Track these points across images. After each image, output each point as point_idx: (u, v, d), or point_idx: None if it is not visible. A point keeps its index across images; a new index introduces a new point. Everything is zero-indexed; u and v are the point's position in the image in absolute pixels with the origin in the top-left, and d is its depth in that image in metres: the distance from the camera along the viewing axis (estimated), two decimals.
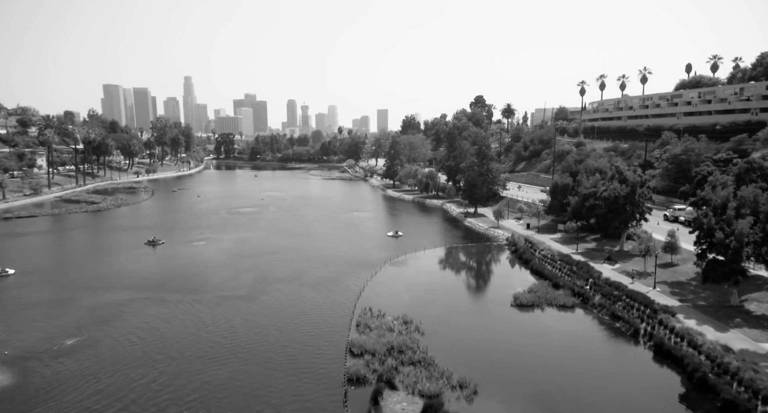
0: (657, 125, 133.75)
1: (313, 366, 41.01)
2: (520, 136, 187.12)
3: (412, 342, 45.30)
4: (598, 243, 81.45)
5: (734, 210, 50.71)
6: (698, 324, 47.66)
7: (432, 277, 67.78)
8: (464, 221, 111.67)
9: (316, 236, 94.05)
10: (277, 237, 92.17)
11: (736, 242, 48.05)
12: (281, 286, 61.81)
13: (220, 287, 60.81)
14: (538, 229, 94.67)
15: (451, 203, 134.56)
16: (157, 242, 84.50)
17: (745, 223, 48.13)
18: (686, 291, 57.28)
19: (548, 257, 74.41)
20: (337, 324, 49.79)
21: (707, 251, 52.48)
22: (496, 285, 66.23)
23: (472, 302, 58.07)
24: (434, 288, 62.69)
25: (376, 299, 57.64)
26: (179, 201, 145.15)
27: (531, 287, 62.14)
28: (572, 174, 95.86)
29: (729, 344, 43.11)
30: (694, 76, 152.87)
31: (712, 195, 53.38)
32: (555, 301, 57.08)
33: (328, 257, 77.36)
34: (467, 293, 61.58)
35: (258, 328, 48.51)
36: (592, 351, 45.20)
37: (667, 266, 66.36)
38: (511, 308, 56.16)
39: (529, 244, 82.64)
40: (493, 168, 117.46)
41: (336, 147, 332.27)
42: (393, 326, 48.92)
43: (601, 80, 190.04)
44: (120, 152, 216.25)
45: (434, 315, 53.13)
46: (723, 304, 52.58)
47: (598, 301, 56.04)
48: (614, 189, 74.86)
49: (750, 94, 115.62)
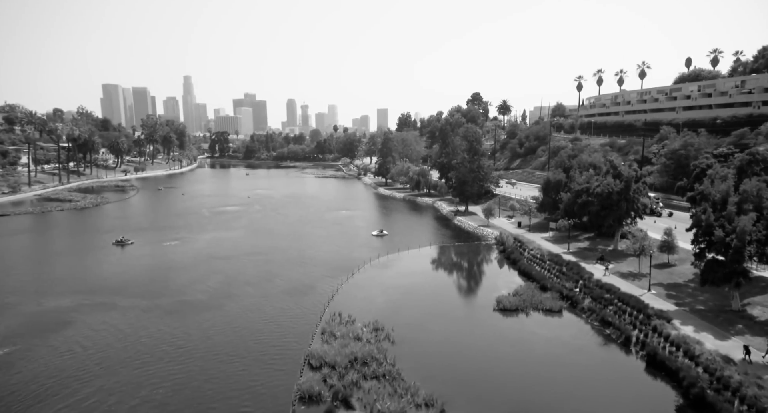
0: (655, 119, 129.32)
1: (263, 381, 36.61)
2: (515, 132, 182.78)
3: (380, 352, 40.98)
4: (592, 242, 77.11)
5: (735, 206, 46.34)
6: (696, 331, 43.33)
7: (412, 279, 63.47)
8: (454, 220, 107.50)
9: (297, 235, 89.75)
10: (256, 237, 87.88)
11: (737, 241, 43.69)
12: (249, 289, 57.46)
13: (181, 290, 56.46)
14: (529, 227, 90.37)
15: (443, 201, 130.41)
16: (125, 242, 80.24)
17: (748, 219, 43.77)
18: (683, 294, 52.94)
19: (537, 257, 70.06)
20: (301, 332, 45.46)
21: (706, 251, 48.13)
22: (480, 287, 61.92)
23: (452, 307, 53.76)
24: (413, 291, 58.42)
25: (349, 303, 53.39)
26: (162, 200, 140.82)
27: (517, 289, 57.84)
28: (565, 170, 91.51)
29: (730, 354, 38.78)
30: (693, 70, 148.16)
31: (711, 189, 49.00)
32: (541, 305, 52.75)
33: (306, 258, 73.05)
34: (448, 297, 57.26)
35: (211, 338, 43.97)
36: (578, 362, 40.85)
37: (664, 267, 62.02)
38: (494, 312, 51.85)
39: (518, 243, 78.32)
40: (485, 165, 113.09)
41: (331, 146, 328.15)
42: (361, 334, 44.61)
43: (599, 75, 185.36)
44: (108, 150, 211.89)
45: (409, 321, 48.85)
46: (723, 308, 48.24)
47: (587, 305, 51.72)
48: (608, 185, 70.49)
49: (752, 87, 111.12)
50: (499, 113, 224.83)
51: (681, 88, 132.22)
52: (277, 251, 76.32)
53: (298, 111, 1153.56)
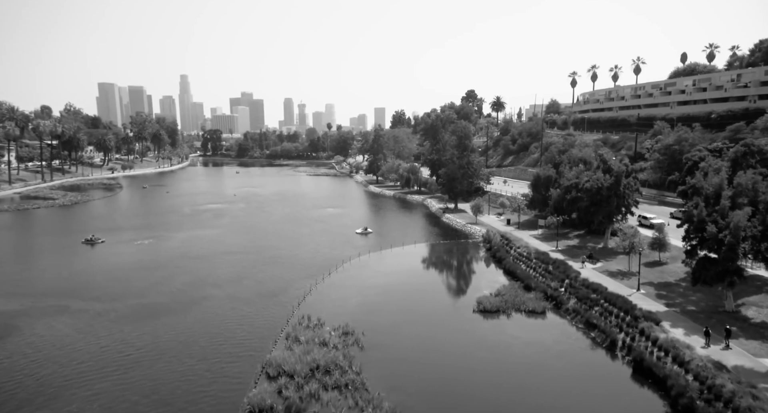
0: (649, 115, 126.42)
1: (211, 393, 33.32)
2: (509, 129, 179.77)
3: (346, 359, 37.89)
4: (581, 240, 74.14)
5: (729, 200, 43.39)
6: (686, 334, 40.36)
7: (391, 279, 60.37)
8: (442, 217, 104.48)
9: (277, 234, 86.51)
10: (234, 236, 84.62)
11: (730, 237, 40.75)
12: (215, 291, 54.18)
13: (143, 293, 53.12)
14: (518, 225, 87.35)
15: (433, 198, 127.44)
16: (95, 241, 76.91)
17: (742, 214, 40.83)
18: (674, 294, 50.00)
19: (523, 256, 67.03)
20: (265, 338, 42.22)
21: (698, 248, 45.17)
22: (462, 287, 58.78)
23: (430, 308, 50.66)
24: (390, 292, 55.33)
25: (321, 305, 50.27)
26: (145, 198, 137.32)
27: (500, 289, 54.81)
28: (555, 165, 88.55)
29: (722, 359, 35.83)
30: (689, 65, 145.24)
31: (704, 183, 46.00)
32: (524, 306, 49.70)
33: (283, 257, 69.85)
34: (427, 297, 54.15)
35: (162, 345, 40.46)
36: (559, 369, 37.81)
37: (655, 265, 59.13)
38: (474, 314, 48.78)
39: (505, 241, 75.27)
40: (474, 161, 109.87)
41: (325, 144, 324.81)
42: (329, 338, 41.49)
43: (593, 71, 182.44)
44: (95, 147, 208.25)
45: (382, 324, 45.78)
46: (716, 309, 45.31)
47: (572, 306, 48.69)
48: (597, 180, 67.56)
49: (748, 81, 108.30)
50: (493, 109, 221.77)
51: (675, 82, 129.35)
52: (254, 251, 73.07)
53: (295, 110, 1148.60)
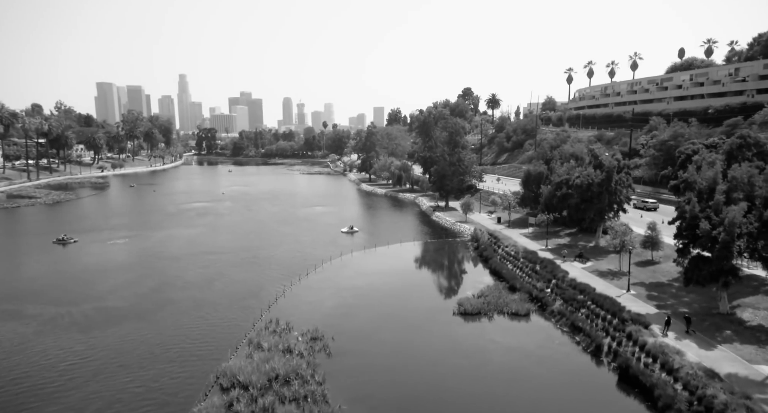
0: (645, 110, 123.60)
1: (154, 409, 30.55)
2: (503, 126, 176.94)
3: (310, 367, 35.09)
4: (573, 238, 71.36)
5: (723, 194, 40.59)
6: (677, 339, 37.59)
7: (372, 279, 57.56)
8: (432, 216, 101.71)
9: (259, 233, 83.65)
10: (214, 235, 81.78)
11: (725, 234, 37.95)
12: (182, 294, 51.29)
13: (104, 296, 50.12)
14: (508, 223, 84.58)
15: (424, 196, 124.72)
16: (67, 241, 74.04)
17: (737, 210, 38.04)
18: (666, 295, 47.22)
19: (511, 255, 64.27)
20: (226, 344, 39.45)
21: (690, 246, 42.36)
22: (445, 288, 55.90)
23: (409, 310, 47.83)
24: (369, 293, 52.51)
25: (293, 308, 47.48)
26: (130, 197, 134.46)
27: (483, 290, 52.06)
28: (546, 161, 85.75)
29: (715, 366, 33.04)
30: (686, 59, 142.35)
31: (696, 177, 43.19)
32: (507, 308, 46.94)
33: (261, 257, 66.98)
34: (407, 299, 51.29)
35: (111, 354, 37.26)
36: (539, 376, 35.04)
37: (647, 265, 56.37)
38: (454, 317, 45.99)
39: (493, 240, 72.50)
40: (465, 157, 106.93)
41: (321, 142, 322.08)
42: (294, 344, 38.67)
43: (589, 67, 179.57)
44: (85, 146, 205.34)
45: (355, 329, 43.00)
46: (710, 311, 42.53)
47: (557, 308, 45.89)
48: (587, 175, 64.75)
49: (746, 75, 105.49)
50: (488, 106, 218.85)
51: (672, 77, 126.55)
52: (231, 251, 70.17)
53: (294, 110, 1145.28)
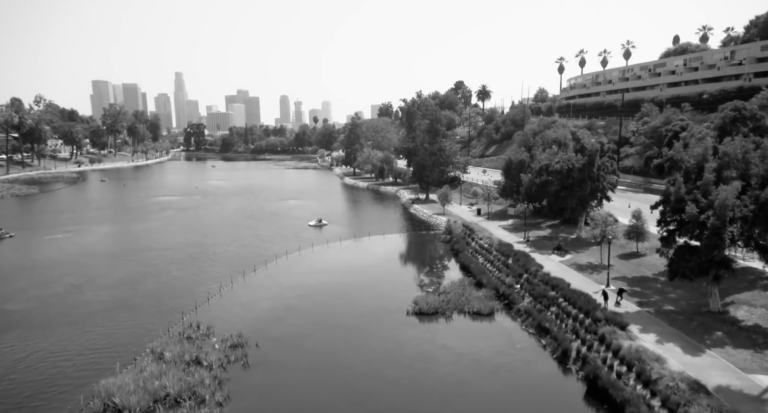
0: (638, 98, 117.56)
1: None
2: (492, 118, 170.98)
3: (214, 382, 29.15)
4: (554, 230, 65.47)
5: (714, 173, 34.74)
6: (659, 342, 31.80)
7: (324, 276, 51.66)
8: (410, 208, 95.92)
9: (219, 227, 77.60)
10: (168, 230, 75.69)
11: (715, 219, 32.16)
12: (101, 295, 45.05)
13: (11, 297, 43.77)
14: (488, 215, 78.73)
15: (406, 189, 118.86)
16: (3, 236, 68.06)
17: (730, 190, 32.25)
18: (650, 290, 41.42)
19: (483, 248, 58.44)
20: (123, 354, 33.48)
21: (676, 234, 36.55)
22: (404, 285, 49.83)
23: (356, 312, 41.93)
24: (316, 292, 46.61)
25: (223, 310, 41.63)
26: (96, 191, 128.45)
27: (447, 286, 46.26)
28: (528, 148, 80.00)
29: (702, 376, 27.27)
30: (680, 45, 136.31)
31: (683, 154, 37.31)
32: (468, 306, 41.10)
33: (210, 253, 60.94)
34: (357, 298, 45.33)
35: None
36: (491, 390, 29.24)
37: (631, 257, 50.61)
38: (408, 317, 40.16)
39: (468, 232, 66.65)
40: (446, 147, 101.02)
41: (311, 138, 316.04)
42: (206, 354, 32.63)
43: (581, 56, 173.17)
44: (63, 140, 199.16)
45: (288, 333, 37.15)
46: (699, 309, 36.75)
47: (524, 306, 40.04)
48: (567, 160, 58.92)
49: (742, 58, 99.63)
50: (478, 98, 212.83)
51: (665, 63, 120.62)
52: (180, 247, 64.09)
53: (291, 108, 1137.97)
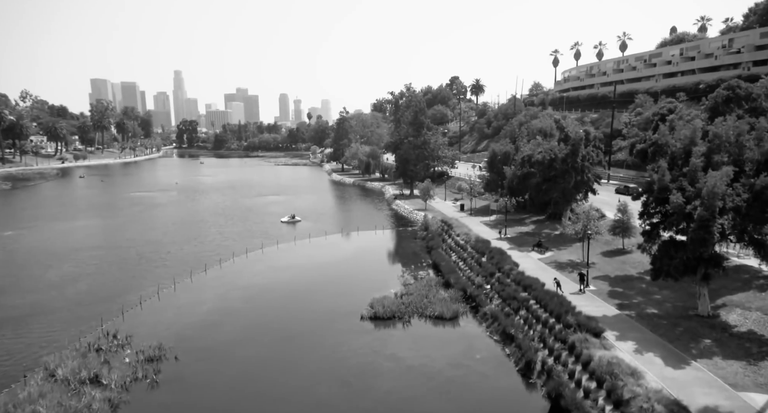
0: (632, 89, 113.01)
1: None
2: (485, 112, 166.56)
3: (109, 407, 24.79)
4: (538, 226, 61.11)
5: (702, 158, 30.39)
6: (638, 352, 27.50)
7: (281, 275, 47.41)
8: (393, 204, 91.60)
9: (184, 224, 73.13)
10: (129, 227, 71.29)
11: (702, 209, 27.83)
12: (15, 300, 40.16)
13: None
14: (471, 211, 74.37)
15: (392, 185, 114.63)
16: None
17: (719, 176, 27.92)
18: (633, 291, 37.12)
19: (459, 245, 54.10)
20: (11, 371, 29.15)
21: (659, 228, 32.22)
22: (365, 285, 45.12)
23: (306, 315, 37.62)
24: (266, 293, 42.37)
25: (153, 315, 37.32)
26: (72, 187, 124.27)
27: (411, 287, 41.94)
28: (513, 140, 75.67)
29: (684, 395, 22.98)
30: (677, 34, 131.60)
31: (669, 137, 32.92)
32: (430, 309, 36.77)
33: (160, 253, 55.99)
34: (310, 300, 40.94)
35: None
36: (436, 410, 24.92)
37: (616, 254, 46.34)
38: (360, 323, 35.85)
39: (446, 228, 62.32)
40: (431, 140, 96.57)
41: (304, 134, 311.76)
42: (110, 370, 28.17)
43: (576, 49, 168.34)
44: (47, 136, 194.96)
45: (223, 342, 32.85)
46: (686, 313, 32.47)
47: (491, 309, 35.69)
48: (549, 150, 54.59)
49: (741, 46, 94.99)
50: (472, 93, 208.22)
51: (661, 53, 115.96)
52: (134, 244, 59.63)
53: (291, 106, 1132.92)
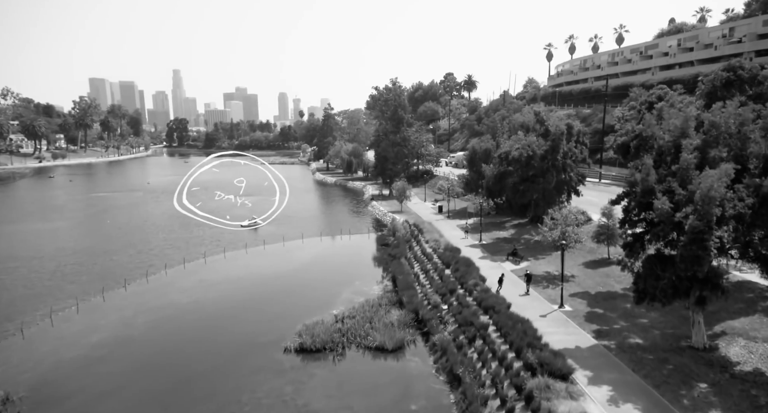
0: (627, 83, 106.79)
1: None
2: (476, 108, 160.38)
3: None
4: (519, 230, 54.93)
5: (696, 153, 24.24)
6: (612, 403, 21.42)
7: (209, 292, 41.12)
8: (368, 205, 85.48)
9: (131, 230, 66.50)
10: (66, 233, 64.51)
11: (696, 218, 21.75)
12: None
13: None
14: (449, 213, 68.19)
15: (374, 184, 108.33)
16: None
17: (718, 176, 21.85)
18: (616, 313, 31.03)
19: (425, 254, 47.91)
20: None
21: (644, 240, 26.10)
22: (303, 305, 38.16)
23: (217, 347, 31.16)
24: (183, 316, 36.24)
25: (26, 348, 31.11)
26: (34, 188, 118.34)
27: (357, 307, 35.76)
28: (494, 135, 69.58)
29: None
30: (675, 25, 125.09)
31: (655, 129, 26.77)
32: (370, 339, 30.56)
33: (83, 264, 49.14)
34: (233, 325, 34.44)
35: None
36: None
37: (600, 265, 40.34)
38: (284, 356, 29.60)
39: (416, 233, 56.15)
40: (411, 137, 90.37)
41: (297, 133, 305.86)
42: None
43: (571, 42, 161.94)
44: (24, 135, 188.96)
45: (94, 386, 26.69)
46: (678, 344, 26.44)
47: (442, 339, 29.49)
48: (527, 146, 48.41)
49: (742, 35, 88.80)
50: (464, 89, 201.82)
51: (658, 44, 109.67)
52: (60, 255, 52.48)
53: (290, 105, 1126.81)
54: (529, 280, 35.50)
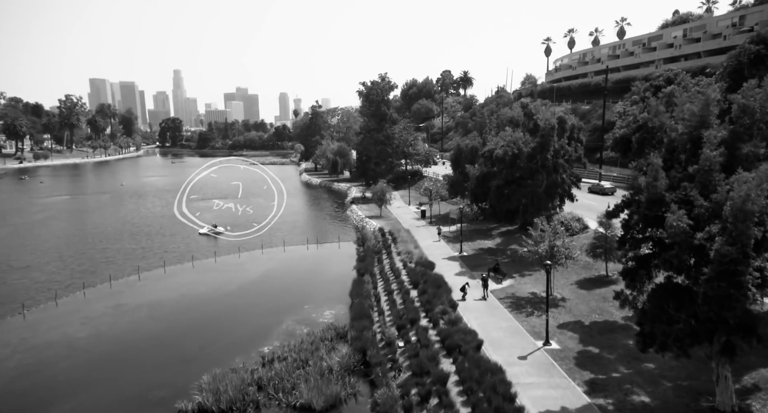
0: (629, 77, 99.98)
1: None
2: (471, 105, 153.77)
3: None
4: (506, 239, 48.26)
5: (721, 149, 17.54)
6: None
7: (117, 323, 33.90)
8: (347, 209, 78.83)
9: (74, 238, 59.87)
10: (3, 243, 58.40)
11: (725, 242, 15.02)
12: None
13: None
14: (431, 219, 61.53)
15: (361, 185, 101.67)
16: None
17: (756, 181, 15.12)
18: (615, 354, 24.36)
19: (394, 269, 41.16)
20: None
21: (649, 265, 19.41)
22: (230, 340, 30.81)
23: (92, 407, 24.37)
24: (70, 356, 29.08)
25: None
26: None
27: (296, 343, 29.02)
28: (482, 132, 62.89)
29: None
30: (680, 16, 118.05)
31: (664, 117, 20.09)
32: (296, 394, 23.67)
33: (17, 272, 43.77)
34: (128, 374, 26.96)
35: None
36: None
37: (596, 285, 33.65)
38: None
39: (389, 242, 49.42)
40: (395, 135, 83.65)
41: (291, 132, 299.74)
42: None
43: (570, 36, 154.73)
44: (5, 134, 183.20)
45: None
46: (697, 404, 19.75)
47: (387, 395, 22.57)
48: (512, 143, 41.68)
49: (754, 23, 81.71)
50: (460, 86, 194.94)
51: (662, 35, 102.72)
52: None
53: (290, 105, 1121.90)
54: (486, 284, 32.87)
